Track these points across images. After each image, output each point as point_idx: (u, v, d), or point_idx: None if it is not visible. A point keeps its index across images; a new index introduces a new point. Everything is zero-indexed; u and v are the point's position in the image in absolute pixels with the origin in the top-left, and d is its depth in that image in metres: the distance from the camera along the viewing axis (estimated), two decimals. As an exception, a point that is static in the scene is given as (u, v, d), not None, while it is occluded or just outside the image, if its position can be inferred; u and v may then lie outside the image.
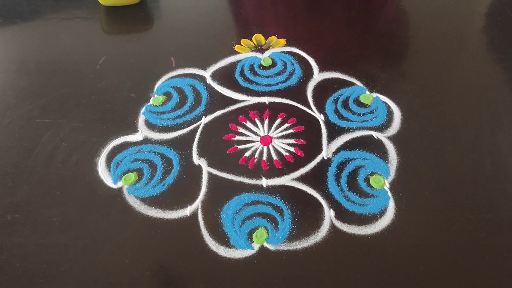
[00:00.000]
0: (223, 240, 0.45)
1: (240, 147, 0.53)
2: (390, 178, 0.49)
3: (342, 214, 0.46)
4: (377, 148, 0.52)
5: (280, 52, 0.65)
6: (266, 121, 0.56)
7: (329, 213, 0.46)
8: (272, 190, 0.49)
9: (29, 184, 0.50)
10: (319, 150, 0.52)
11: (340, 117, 0.56)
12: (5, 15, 0.73)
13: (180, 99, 0.59)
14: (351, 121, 0.55)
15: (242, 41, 0.66)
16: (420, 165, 0.50)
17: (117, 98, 0.59)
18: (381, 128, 0.54)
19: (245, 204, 0.47)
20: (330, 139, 0.53)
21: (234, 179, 0.50)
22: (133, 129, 0.55)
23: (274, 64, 0.63)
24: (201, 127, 0.55)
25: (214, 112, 0.57)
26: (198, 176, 0.50)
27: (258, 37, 0.67)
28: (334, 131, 0.54)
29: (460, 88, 0.59)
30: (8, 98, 0.59)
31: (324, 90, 0.59)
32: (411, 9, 0.73)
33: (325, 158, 0.51)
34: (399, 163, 0.50)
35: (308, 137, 0.54)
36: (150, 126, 0.55)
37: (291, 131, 0.54)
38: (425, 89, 0.59)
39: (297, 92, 0.59)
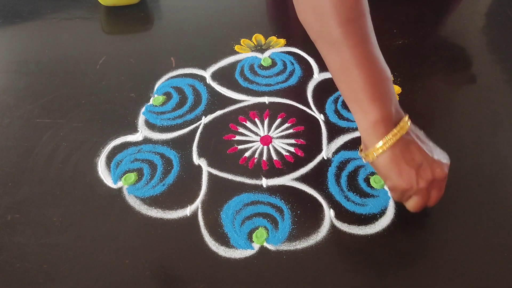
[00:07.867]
0: (223, 240, 0.45)
1: (240, 147, 0.53)
2: (390, 178, 0.49)
3: (342, 214, 0.46)
4: (377, 148, 0.52)
5: (280, 52, 0.65)
6: (266, 121, 0.56)
7: (329, 213, 0.46)
8: (272, 190, 0.48)
9: (29, 184, 0.50)
10: (319, 150, 0.52)
11: (340, 117, 0.56)
12: (5, 15, 0.73)
13: (180, 99, 0.59)
14: (351, 121, 0.55)
15: (242, 41, 0.66)
16: (420, 165, 0.50)
17: (117, 98, 0.59)
18: (381, 128, 0.54)
19: (245, 204, 0.47)
20: (330, 139, 0.53)
21: (234, 179, 0.50)
22: (133, 129, 0.55)
23: (274, 64, 0.63)
24: (201, 127, 0.55)
25: (214, 112, 0.57)
26: (198, 176, 0.50)
27: (258, 37, 0.67)
28: (334, 131, 0.54)
29: (460, 88, 0.59)
30: (8, 98, 0.59)
31: (324, 90, 0.59)
32: (411, 8, 0.73)
33: (325, 158, 0.51)
34: (399, 163, 0.50)
35: (308, 137, 0.54)
36: (150, 126, 0.55)
37: (291, 131, 0.54)
38: (425, 89, 0.59)
39: (297, 92, 0.59)
